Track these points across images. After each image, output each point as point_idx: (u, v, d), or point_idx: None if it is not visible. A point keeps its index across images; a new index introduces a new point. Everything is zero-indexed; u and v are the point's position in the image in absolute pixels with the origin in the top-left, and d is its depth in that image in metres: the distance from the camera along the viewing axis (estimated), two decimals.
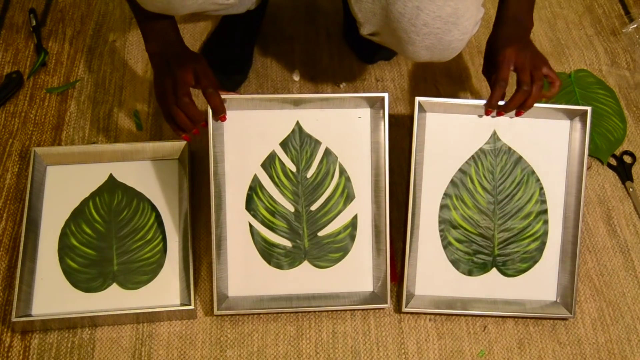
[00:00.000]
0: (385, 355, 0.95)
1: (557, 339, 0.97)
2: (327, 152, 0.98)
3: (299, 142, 0.98)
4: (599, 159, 1.16)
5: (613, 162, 1.16)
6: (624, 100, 1.24)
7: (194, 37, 1.28)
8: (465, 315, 0.98)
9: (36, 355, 0.93)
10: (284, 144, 0.97)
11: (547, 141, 0.97)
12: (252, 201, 0.97)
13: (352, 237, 0.97)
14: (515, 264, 0.97)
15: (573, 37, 1.33)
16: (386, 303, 0.94)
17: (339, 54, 1.27)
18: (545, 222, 0.97)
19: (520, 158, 0.97)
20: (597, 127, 1.20)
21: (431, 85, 1.23)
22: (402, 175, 1.10)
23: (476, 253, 0.97)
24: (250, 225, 0.96)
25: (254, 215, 0.97)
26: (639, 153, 1.17)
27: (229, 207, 0.96)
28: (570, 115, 0.96)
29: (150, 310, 0.94)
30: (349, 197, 0.98)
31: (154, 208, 1.03)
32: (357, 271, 0.97)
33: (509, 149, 0.97)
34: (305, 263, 0.97)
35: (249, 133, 0.96)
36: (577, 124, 0.97)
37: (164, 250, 1.00)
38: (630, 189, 1.13)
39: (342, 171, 0.98)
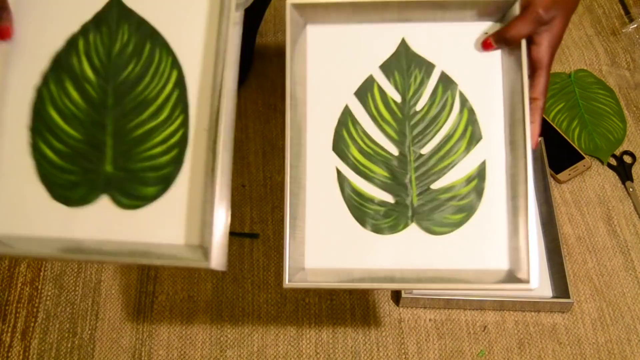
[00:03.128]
0: (385, 355, 0.95)
1: (557, 339, 0.98)
2: (444, 77, 0.74)
3: (406, 64, 0.75)
4: (599, 159, 1.16)
5: (613, 162, 1.16)
6: (624, 100, 1.24)
7: None
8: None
9: (36, 356, 0.93)
10: (385, 67, 0.74)
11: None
12: (341, 140, 0.73)
13: (480, 192, 0.72)
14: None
15: (573, 37, 1.33)
16: (528, 282, 0.66)
17: None
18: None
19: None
20: (597, 127, 1.20)
21: None
22: None
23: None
24: (339, 172, 0.73)
25: (343, 159, 0.73)
26: (639, 153, 1.18)
27: (311, 145, 0.72)
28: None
29: (150, 247, 0.62)
30: (473, 137, 0.73)
31: (175, 62, 0.65)
32: (487, 240, 0.71)
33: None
34: (413, 226, 0.71)
35: (339, 52, 0.74)
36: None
37: (184, 142, 0.64)
38: (630, 189, 1.13)
39: (464, 102, 0.74)
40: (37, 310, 0.96)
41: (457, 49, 0.74)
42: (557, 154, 1.15)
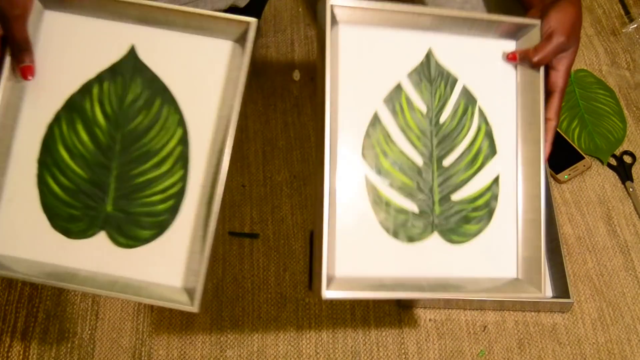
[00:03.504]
0: (385, 355, 0.95)
1: (557, 339, 0.98)
2: (465, 92, 0.76)
3: (432, 75, 0.76)
4: (599, 159, 1.16)
5: (613, 162, 1.16)
6: (624, 100, 1.24)
7: None
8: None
9: (36, 356, 0.93)
10: (413, 76, 0.75)
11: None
12: (370, 147, 0.72)
13: (494, 205, 0.76)
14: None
15: None
16: (539, 292, 0.71)
17: None
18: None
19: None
20: (597, 127, 1.20)
21: None
22: None
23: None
24: (367, 179, 0.72)
25: (372, 167, 0.72)
26: (639, 153, 1.17)
27: (341, 152, 0.71)
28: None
29: (140, 284, 0.68)
30: (489, 152, 0.76)
31: (181, 121, 0.70)
32: (499, 250, 0.75)
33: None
34: (435, 235, 0.74)
35: (370, 56, 0.73)
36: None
37: (181, 195, 0.69)
38: (630, 189, 1.13)
39: (483, 118, 0.76)
40: (37, 310, 0.96)
41: (478, 64, 0.76)
42: (557, 154, 1.15)
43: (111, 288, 0.66)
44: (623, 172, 1.15)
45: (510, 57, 0.76)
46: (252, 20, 0.68)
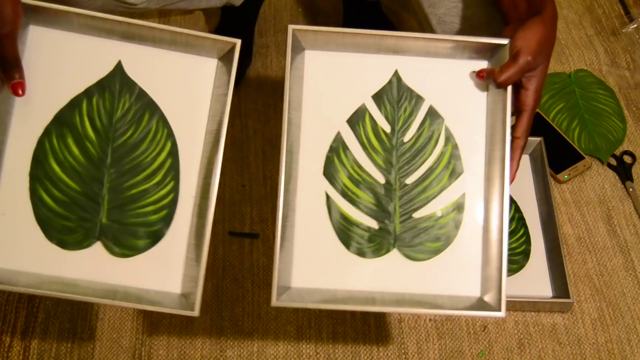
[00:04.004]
0: (385, 355, 0.95)
1: (557, 339, 0.98)
2: (431, 111, 0.78)
3: (397, 96, 0.78)
4: (599, 159, 1.16)
5: (613, 162, 1.16)
6: (624, 100, 1.24)
7: None
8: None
9: (36, 356, 0.93)
10: (377, 97, 0.77)
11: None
12: (332, 165, 0.76)
13: (458, 223, 0.76)
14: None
15: (573, 37, 1.33)
16: (500, 311, 0.71)
17: None
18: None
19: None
20: (597, 127, 1.20)
21: None
22: None
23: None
24: (327, 196, 0.75)
25: (332, 184, 0.75)
26: (639, 153, 1.18)
27: (302, 170, 0.75)
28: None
29: (136, 290, 0.70)
30: (455, 170, 0.76)
31: (170, 134, 0.72)
32: (461, 268, 0.75)
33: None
34: (395, 252, 0.75)
35: (334, 79, 0.77)
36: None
37: (173, 205, 0.71)
38: (630, 189, 1.13)
39: (449, 137, 0.77)
40: (37, 310, 0.96)
41: (446, 84, 0.77)
42: (557, 154, 1.15)
43: (113, 297, 0.67)
44: (623, 172, 1.15)
45: (479, 76, 0.76)
46: (237, 41, 0.70)
